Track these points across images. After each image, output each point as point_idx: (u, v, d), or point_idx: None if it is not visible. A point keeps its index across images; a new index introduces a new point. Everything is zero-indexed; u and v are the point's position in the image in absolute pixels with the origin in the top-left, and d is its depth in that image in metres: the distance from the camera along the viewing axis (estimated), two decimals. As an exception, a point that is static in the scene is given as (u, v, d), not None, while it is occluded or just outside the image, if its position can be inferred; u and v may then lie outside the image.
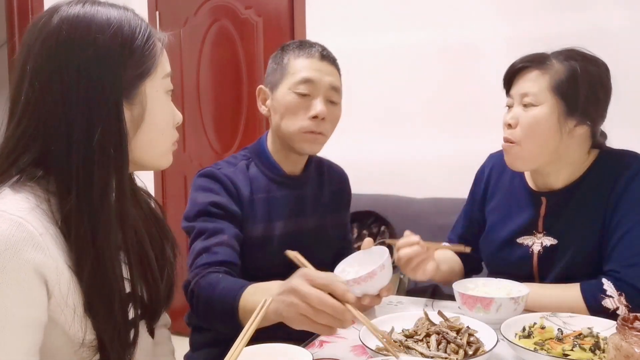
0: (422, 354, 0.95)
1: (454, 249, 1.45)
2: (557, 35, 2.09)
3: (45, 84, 0.79)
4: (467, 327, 1.03)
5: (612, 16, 2.17)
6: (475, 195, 1.50)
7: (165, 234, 1.00)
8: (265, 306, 0.89)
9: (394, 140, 2.61)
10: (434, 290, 1.80)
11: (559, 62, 1.26)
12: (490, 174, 1.47)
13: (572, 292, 1.21)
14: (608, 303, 1.17)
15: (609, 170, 1.27)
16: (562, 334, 1.02)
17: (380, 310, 1.26)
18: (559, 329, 1.05)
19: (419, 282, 1.53)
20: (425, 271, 1.27)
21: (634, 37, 2.15)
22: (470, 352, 0.95)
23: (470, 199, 1.52)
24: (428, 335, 1.00)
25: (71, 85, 0.78)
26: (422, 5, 2.52)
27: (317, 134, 1.33)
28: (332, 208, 1.49)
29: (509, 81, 1.32)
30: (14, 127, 0.80)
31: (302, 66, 1.33)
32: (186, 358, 1.44)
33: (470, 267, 1.52)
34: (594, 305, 1.17)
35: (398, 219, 2.38)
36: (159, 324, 1.00)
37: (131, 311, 0.86)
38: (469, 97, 2.45)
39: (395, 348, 0.91)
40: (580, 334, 1.01)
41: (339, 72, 1.39)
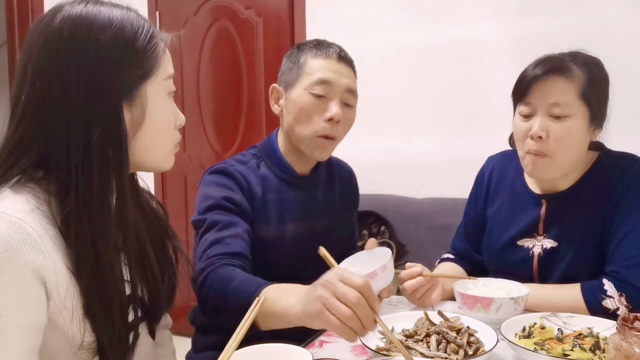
0: (422, 354, 0.95)
1: (457, 278, 1.33)
2: (557, 35, 2.10)
3: (46, 84, 0.78)
4: (467, 327, 1.03)
5: (612, 16, 2.17)
6: (477, 198, 1.50)
7: (167, 235, 0.99)
8: (258, 304, 0.87)
9: (394, 140, 2.61)
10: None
11: (578, 68, 1.23)
12: (490, 177, 1.47)
13: (572, 292, 1.21)
14: (608, 303, 1.17)
15: (608, 173, 1.28)
16: (562, 334, 1.02)
17: (381, 311, 1.24)
18: (559, 329, 1.05)
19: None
20: (432, 300, 1.28)
21: (634, 37, 2.15)
22: (470, 352, 0.95)
23: (472, 202, 1.52)
24: (428, 335, 1.00)
25: (71, 85, 0.78)
26: (422, 6, 2.52)
27: (330, 139, 1.31)
28: (342, 208, 1.48)
29: (526, 88, 1.25)
30: (14, 128, 0.80)
31: (319, 66, 1.30)
32: (188, 358, 1.43)
33: (475, 270, 1.50)
34: (595, 305, 1.17)
35: (398, 219, 2.39)
36: (160, 325, 1.00)
37: (131, 313, 0.86)
38: (469, 97, 2.45)
39: None
40: (580, 334, 1.02)
41: (355, 75, 1.37)
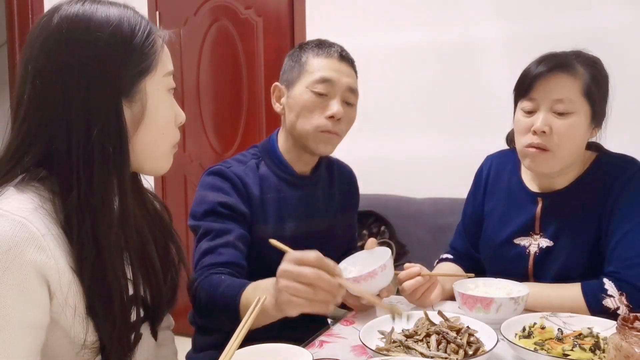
0: (422, 354, 0.95)
1: (455, 277, 1.36)
2: (557, 36, 2.10)
3: (47, 84, 0.79)
4: (467, 327, 1.03)
5: (612, 17, 2.17)
6: (475, 195, 1.50)
7: (170, 236, 0.99)
8: (259, 304, 0.88)
9: (394, 140, 2.61)
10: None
11: (581, 66, 1.25)
12: (488, 174, 1.48)
13: (573, 291, 1.21)
14: (609, 303, 1.17)
15: (605, 174, 1.28)
16: (562, 334, 1.02)
17: (381, 310, 1.26)
18: (559, 329, 1.05)
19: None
20: (431, 300, 1.28)
21: (634, 38, 2.15)
22: (470, 352, 0.95)
23: (470, 199, 1.52)
24: (428, 335, 1.00)
25: (71, 83, 0.78)
26: (422, 6, 2.51)
27: (333, 133, 1.32)
28: (342, 208, 1.49)
29: (530, 84, 1.26)
30: (18, 127, 0.80)
31: (321, 65, 1.31)
32: (188, 358, 1.43)
33: (474, 269, 1.50)
34: (595, 304, 1.17)
35: (398, 219, 2.38)
36: (162, 325, 1.00)
37: (133, 313, 0.86)
38: (468, 97, 2.45)
39: (396, 310, 0.91)
40: (580, 334, 1.02)
41: (356, 74, 1.38)
